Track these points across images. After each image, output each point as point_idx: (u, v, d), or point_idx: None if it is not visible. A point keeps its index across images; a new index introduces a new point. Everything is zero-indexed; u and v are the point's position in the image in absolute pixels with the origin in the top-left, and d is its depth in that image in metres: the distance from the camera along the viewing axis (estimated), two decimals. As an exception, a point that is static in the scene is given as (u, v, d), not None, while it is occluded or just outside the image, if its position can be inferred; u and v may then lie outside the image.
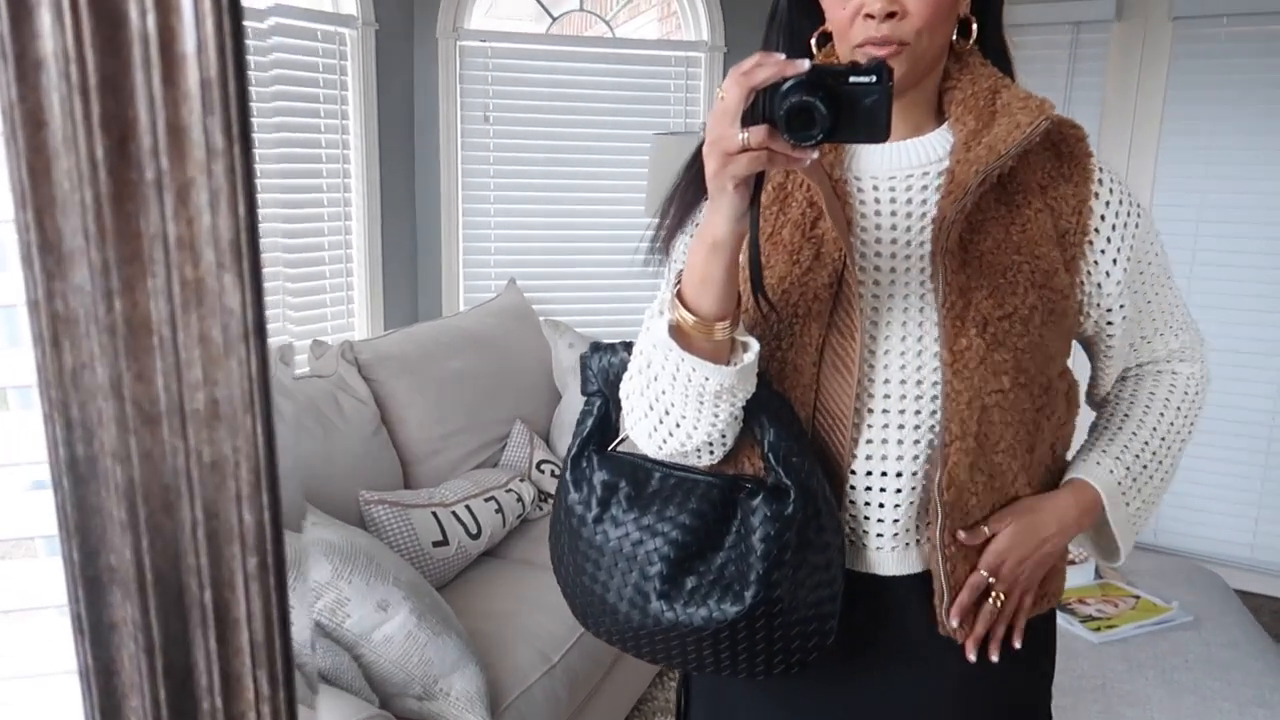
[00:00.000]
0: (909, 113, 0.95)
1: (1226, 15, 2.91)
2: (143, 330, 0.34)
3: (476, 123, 3.15)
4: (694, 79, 3.31)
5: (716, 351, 0.85)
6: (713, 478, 0.94)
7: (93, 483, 0.36)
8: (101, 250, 0.33)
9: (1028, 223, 0.92)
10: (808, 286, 0.92)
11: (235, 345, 0.35)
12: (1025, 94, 0.93)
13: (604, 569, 0.95)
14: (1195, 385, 1.07)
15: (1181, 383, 1.07)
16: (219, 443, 0.36)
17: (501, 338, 2.75)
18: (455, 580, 2.15)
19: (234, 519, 0.36)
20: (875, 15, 0.86)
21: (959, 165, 0.91)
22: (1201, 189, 3.03)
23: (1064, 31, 3.10)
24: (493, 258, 3.25)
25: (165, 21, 0.32)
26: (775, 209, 0.95)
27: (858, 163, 0.96)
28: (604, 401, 1.01)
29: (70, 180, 0.33)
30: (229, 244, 0.34)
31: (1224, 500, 3.13)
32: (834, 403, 0.92)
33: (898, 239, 0.93)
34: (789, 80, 0.73)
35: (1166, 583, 2.24)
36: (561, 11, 3.39)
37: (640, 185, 3.10)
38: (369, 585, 1.50)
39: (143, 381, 0.34)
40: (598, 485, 0.96)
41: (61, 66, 0.32)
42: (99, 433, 0.35)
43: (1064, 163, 0.96)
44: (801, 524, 0.88)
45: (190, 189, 0.33)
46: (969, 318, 0.89)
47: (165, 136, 0.33)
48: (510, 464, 2.54)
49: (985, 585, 0.93)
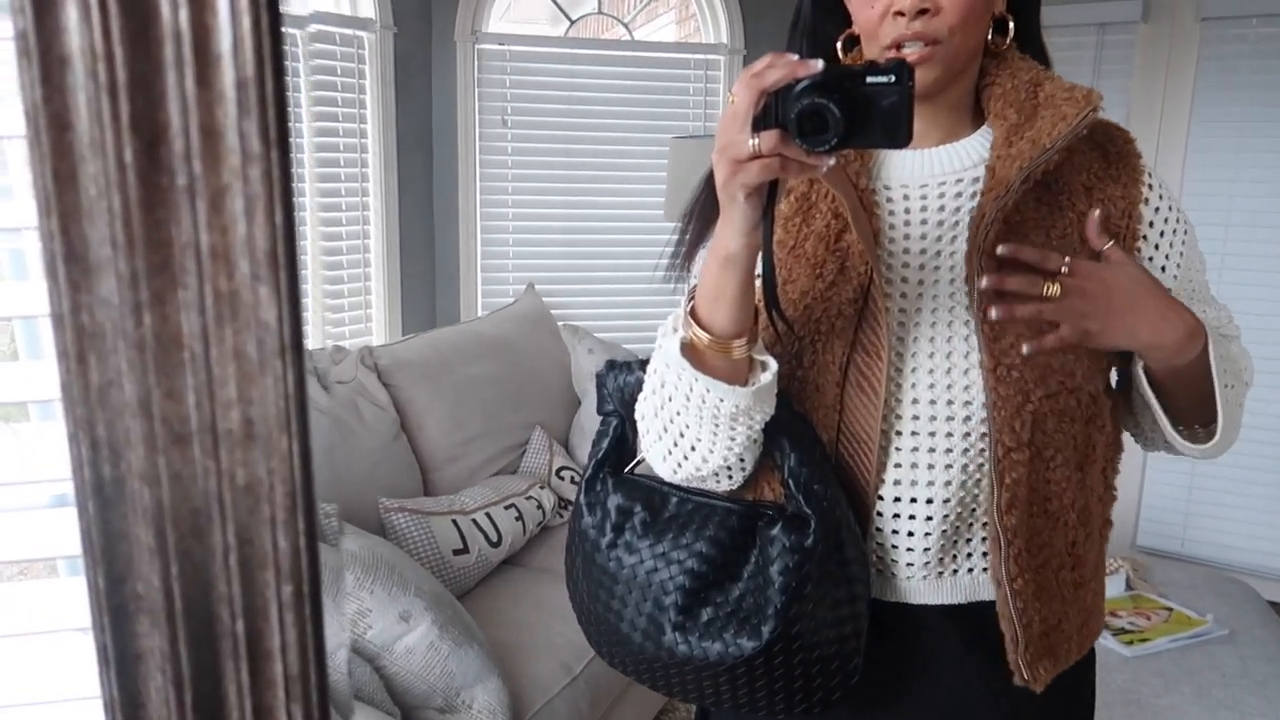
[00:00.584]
0: (943, 117, 0.91)
1: (1256, 16, 2.87)
2: (173, 345, 0.32)
3: (494, 126, 3.14)
4: (713, 82, 3.29)
5: (733, 371, 0.80)
6: (732, 504, 0.90)
7: (120, 506, 0.34)
8: (130, 260, 0.32)
9: (1069, 226, 0.87)
10: (831, 302, 0.87)
11: (271, 361, 0.33)
12: (1070, 85, 0.88)
13: (618, 597, 0.91)
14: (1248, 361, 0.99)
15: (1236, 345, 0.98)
16: (253, 464, 0.34)
17: (520, 343, 2.74)
18: (476, 589, 2.14)
19: (268, 544, 0.35)
20: (906, 12, 0.82)
21: (1000, 161, 0.86)
22: (1230, 191, 2.98)
23: (1090, 33, 3.07)
24: (511, 262, 3.24)
25: (199, 18, 0.30)
26: (798, 220, 0.90)
27: (886, 171, 0.92)
28: (620, 422, 0.98)
29: (97, 186, 0.31)
30: (265, 254, 0.32)
31: (1256, 509, 3.08)
32: (859, 425, 0.87)
33: (927, 249, 0.88)
34: (802, 82, 0.68)
35: (1199, 594, 2.20)
36: (579, 14, 3.38)
37: (659, 189, 3.08)
38: (391, 596, 1.48)
39: (173, 399, 0.33)
40: (612, 510, 0.93)
41: (89, 64, 0.30)
42: (126, 453, 0.34)
43: (1112, 163, 0.91)
44: (823, 556, 0.84)
45: (224, 196, 0.31)
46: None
47: (198, 140, 0.31)
48: (530, 470, 2.52)
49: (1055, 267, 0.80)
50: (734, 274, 0.76)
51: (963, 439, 0.86)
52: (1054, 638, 0.90)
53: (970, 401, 0.86)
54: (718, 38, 3.28)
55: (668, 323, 0.84)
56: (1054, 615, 0.90)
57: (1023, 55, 0.92)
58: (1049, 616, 0.89)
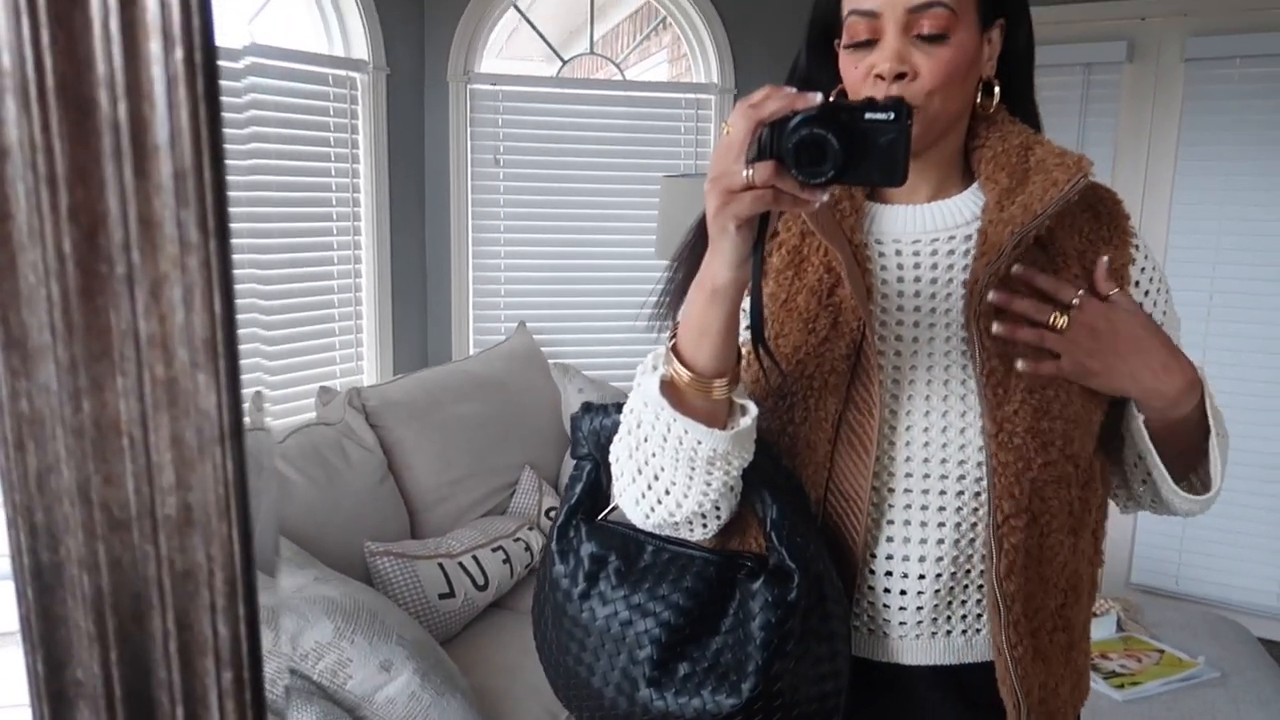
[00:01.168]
0: (931, 173, 0.91)
1: (1239, 57, 2.91)
2: (112, 431, 0.32)
3: (487, 165, 3.16)
4: (704, 121, 3.32)
5: (712, 413, 0.78)
6: (710, 554, 0.88)
7: (59, 591, 0.34)
8: (69, 347, 0.32)
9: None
10: (824, 357, 0.86)
11: (210, 448, 0.33)
12: (1060, 150, 0.89)
13: (589, 649, 0.88)
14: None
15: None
16: (192, 550, 0.34)
17: (511, 382, 2.74)
18: (462, 633, 2.11)
19: (208, 631, 0.34)
20: (885, 76, 0.83)
21: (991, 225, 0.86)
22: (1218, 230, 3.00)
23: (1076, 73, 3.10)
24: (503, 299, 3.24)
25: (137, 110, 0.30)
26: (790, 274, 0.89)
27: (879, 226, 0.92)
28: (594, 466, 0.95)
29: (36, 274, 0.31)
30: (203, 342, 0.32)
31: (1247, 546, 3.07)
32: (848, 484, 0.86)
33: (921, 307, 0.88)
34: (799, 114, 0.68)
35: (1191, 635, 2.18)
36: (572, 55, 3.42)
37: (650, 227, 3.09)
38: (372, 645, 1.47)
39: (112, 485, 0.33)
40: (585, 558, 0.90)
41: (28, 156, 0.30)
42: (65, 539, 0.34)
43: (1102, 224, 0.91)
44: (805, 611, 0.82)
45: (163, 284, 0.31)
46: (1011, 385, 0.84)
47: (137, 229, 0.31)
48: (519, 511, 2.51)
49: (1067, 299, 0.81)
50: (720, 308, 0.75)
51: (956, 498, 0.85)
52: (1052, 703, 0.89)
53: (965, 461, 0.85)
54: (709, 77, 3.31)
55: (647, 361, 0.83)
56: (1051, 679, 0.89)
57: (1013, 118, 0.93)
58: (1047, 681, 0.88)
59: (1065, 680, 0.91)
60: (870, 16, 0.84)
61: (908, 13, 0.83)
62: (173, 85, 0.30)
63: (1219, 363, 2.99)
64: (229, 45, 2.41)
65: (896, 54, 0.83)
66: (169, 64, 0.30)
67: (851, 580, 0.88)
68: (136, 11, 0.29)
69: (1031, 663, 0.86)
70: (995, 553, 0.84)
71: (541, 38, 3.41)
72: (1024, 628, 0.86)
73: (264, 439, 1.86)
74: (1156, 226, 3.06)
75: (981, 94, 0.90)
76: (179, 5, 0.29)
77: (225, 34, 2.27)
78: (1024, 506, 0.84)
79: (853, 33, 0.86)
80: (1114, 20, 3.06)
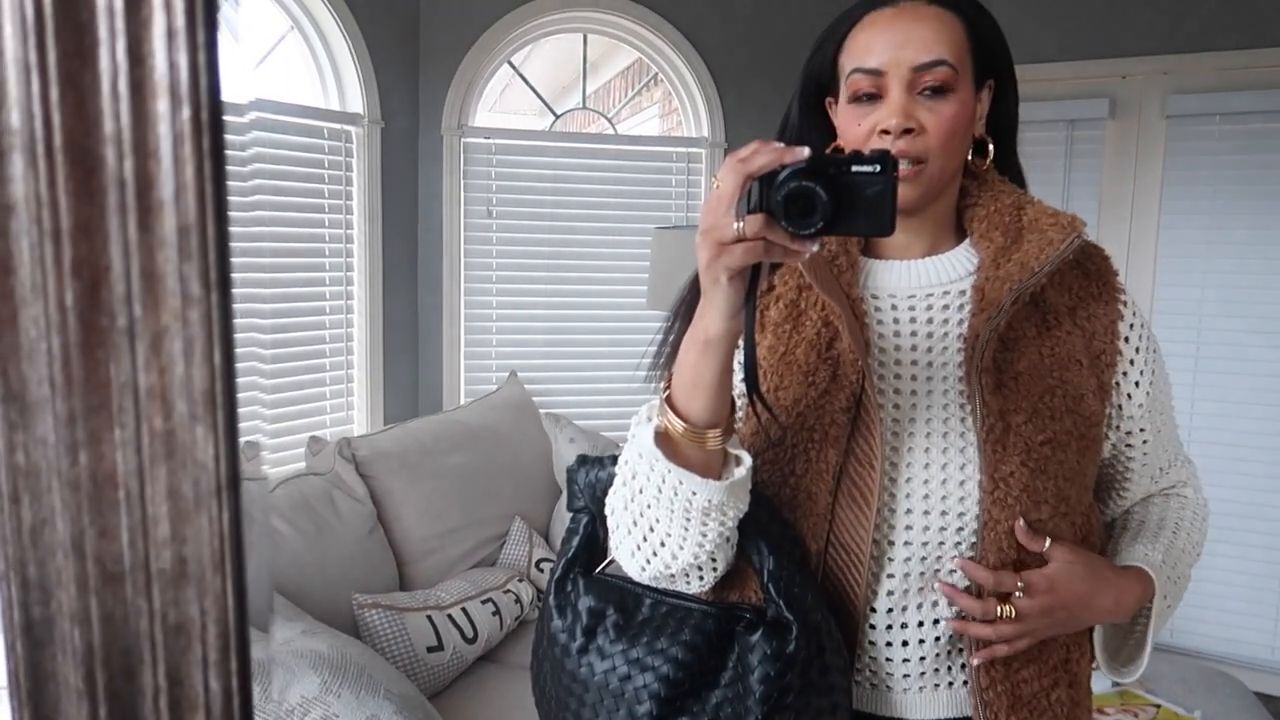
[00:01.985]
0: (927, 230, 0.93)
1: (1219, 114, 2.97)
2: (108, 484, 0.32)
3: (480, 217, 3.18)
4: (695, 174, 3.36)
5: (707, 464, 0.79)
6: (708, 606, 0.88)
7: (49, 647, 0.34)
8: (68, 400, 0.32)
9: (1058, 344, 0.89)
10: (824, 410, 0.87)
11: (206, 501, 0.33)
12: (1053, 210, 0.91)
13: (588, 705, 0.87)
14: (1204, 511, 1.04)
15: (1191, 506, 1.03)
16: (185, 604, 0.33)
17: (502, 431, 2.73)
18: (450, 687, 2.08)
19: (199, 686, 0.34)
20: (892, 131, 0.85)
21: (988, 282, 0.88)
22: (1202, 282, 3.04)
23: (1060, 129, 3.16)
24: (494, 350, 3.25)
25: (143, 166, 0.30)
26: (788, 327, 0.90)
27: (875, 280, 0.93)
28: (590, 519, 0.95)
29: (37, 327, 0.31)
30: (202, 394, 0.32)
31: (1242, 599, 3.05)
32: (849, 537, 0.86)
33: (919, 360, 0.89)
34: (788, 167, 0.69)
35: (1187, 689, 2.16)
36: (565, 109, 3.47)
37: (642, 279, 3.11)
38: (359, 699, 1.44)
39: (106, 538, 0.32)
40: (583, 612, 0.89)
41: (33, 211, 0.31)
42: (58, 593, 0.33)
43: (1092, 281, 0.93)
44: (805, 664, 0.82)
45: (164, 337, 0.32)
46: (1010, 443, 0.85)
47: (139, 283, 0.31)
48: (508, 562, 2.49)
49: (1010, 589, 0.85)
50: (713, 360, 0.75)
51: (954, 548, 0.86)
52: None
53: (965, 513, 0.86)
54: (699, 131, 3.36)
55: (642, 412, 0.83)
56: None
57: (1002, 178, 0.95)
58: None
59: None
60: (875, 74, 0.86)
61: (912, 71, 0.85)
62: (179, 142, 0.30)
63: (1205, 414, 3.00)
64: (234, 100, 2.43)
65: (903, 110, 0.85)
66: (176, 122, 0.30)
67: (853, 634, 0.87)
68: (145, 72, 0.30)
69: (1008, 711, 0.86)
70: None
71: (535, 92, 3.46)
72: (999, 674, 0.86)
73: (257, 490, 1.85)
74: (1142, 279, 3.09)
75: (974, 153, 0.92)
76: (187, 66, 0.30)
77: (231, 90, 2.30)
78: (1009, 560, 0.85)
79: (856, 89, 0.87)
80: (1096, 78, 3.13)
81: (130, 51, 0.30)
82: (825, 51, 0.92)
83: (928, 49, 0.85)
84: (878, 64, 0.86)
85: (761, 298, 0.92)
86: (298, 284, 2.74)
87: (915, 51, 0.85)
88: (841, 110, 0.90)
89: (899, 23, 0.86)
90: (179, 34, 0.30)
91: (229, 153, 0.32)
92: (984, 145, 0.92)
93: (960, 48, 0.86)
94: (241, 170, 2.41)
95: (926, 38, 0.85)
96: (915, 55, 0.85)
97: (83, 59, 0.30)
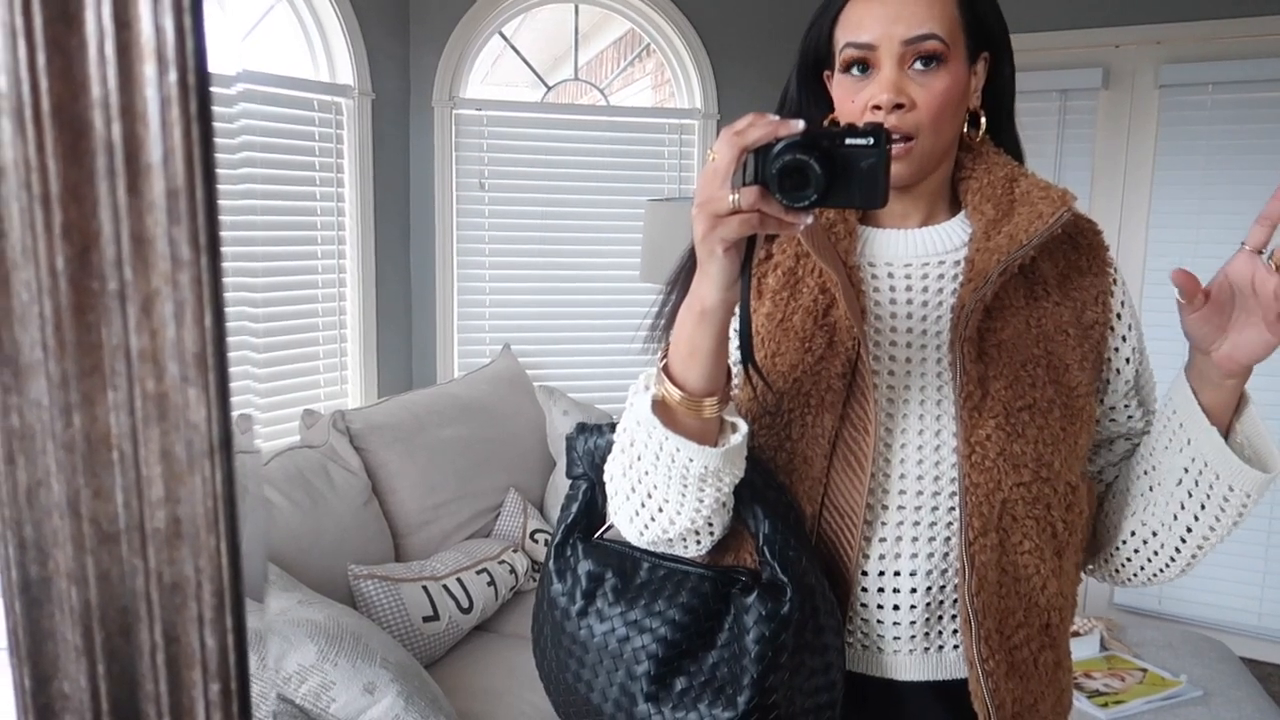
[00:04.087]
0: (922, 202, 0.94)
1: (1211, 84, 2.96)
2: (102, 445, 0.33)
3: (472, 189, 3.17)
4: (687, 145, 3.35)
5: (703, 431, 0.80)
6: (704, 570, 0.89)
7: (46, 605, 0.34)
8: (60, 363, 0.32)
9: (1045, 315, 0.90)
10: (820, 376, 0.88)
11: (199, 461, 0.33)
12: (1045, 183, 0.92)
13: (588, 666, 0.89)
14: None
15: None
16: (180, 563, 0.34)
17: (495, 405, 2.74)
18: (446, 656, 2.10)
19: (195, 643, 0.35)
20: (883, 106, 0.86)
21: (979, 254, 0.89)
22: (1194, 253, 3.05)
23: (1053, 99, 3.15)
24: (487, 323, 3.25)
25: (131, 130, 0.31)
26: (786, 294, 0.91)
27: (871, 249, 0.94)
28: (589, 486, 0.97)
29: (29, 291, 0.32)
30: (194, 357, 0.32)
31: (1229, 566, 3.09)
32: (844, 500, 0.88)
33: (913, 328, 0.91)
34: (782, 140, 0.70)
35: (1173, 654, 2.19)
36: (557, 80, 3.45)
37: (635, 250, 3.11)
38: (355, 667, 1.46)
39: (101, 499, 0.33)
40: (582, 576, 0.91)
41: (22, 176, 0.31)
42: (54, 553, 0.34)
43: (1082, 255, 0.94)
44: (799, 624, 0.83)
45: (154, 300, 0.32)
46: (986, 408, 0.86)
47: (129, 247, 0.31)
48: (503, 534, 2.50)
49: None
50: (709, 329, 0.76)
51: (947, 513, 0.87)
52: (1029, 718, 0.90)
53: (955, 479, 0.87)
54: (692, 103, 3.34)
55: (639, 381, 0.84)
56: (1030, 695, 0.90)
57: (997, 150, 0.96)
58: (1024, 696, 0.89)
59: (1046, 697, 0.92)
60: (866, 48, 0.87)
61: (903, 44, 0.86)
62: (166, 106, 0.31)
63: (1197, 383, 3.01)
64: (222, 72, 2.42)
65: (893, 85, 0.86)
66: (163, 86, 0.30)
67: (846, 595, 0.89)
68: (131, 36, 0.30)
69: (1005, 677, 0.87)
70: (967, 568, 0.86)
71: (526, 64, 3.44)
72: (997, 643, 0.87)
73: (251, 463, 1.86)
74: (1134, 248, 3.10)
75: (968, 125, 0.93)
76: (173, 29, 0.30)
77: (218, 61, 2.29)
78: (993, 525, 0.86)
79: (847, 63, 0.88)
80: (1089, 48, 3.12)
81: (116, 15, 0.30)
82: (821, 25, 0.93)
83: (919, 23, 0.86)
84: (869, 38, 0.87)
85: (759, 265, 0.93)
86: (289, 257, 2.73)
87: (906, 25, 0.86)
88: (836, 83, 0.91)
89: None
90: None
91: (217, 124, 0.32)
92: (978, 118, 0.93)
93: (952, 21, 0.87)
94: (230, 143, 2.40)
95: (918, 12, 0.86)
96: (906, 29, 0.86)
97: (68, 23, 0.30)
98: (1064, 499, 0.90)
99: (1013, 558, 0.87)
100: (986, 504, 0.86)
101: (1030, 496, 0.87)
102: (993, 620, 0.87)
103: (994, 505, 0.86)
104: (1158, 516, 0.93)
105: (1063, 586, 0.92)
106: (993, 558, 0.86)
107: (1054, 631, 0.92)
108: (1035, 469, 0.87)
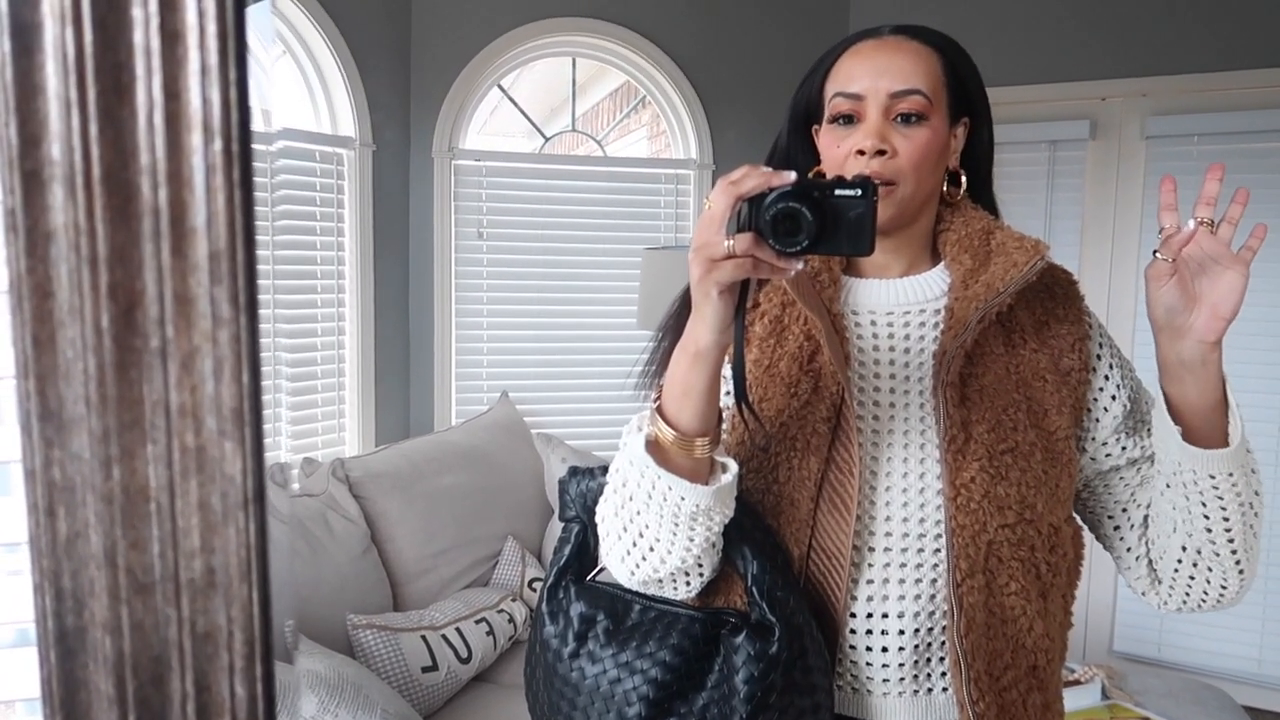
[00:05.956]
0: (904, 252, 0.98)
1: (1197, 135, 3.02)
2: (140, 498, 0.33)
3: (470, 238, 3.20)
4: (683, 195, 3.39)
5: (695, 470, 0.82)
6: (695, 611, 0.91)
7: (81, 655, 0.35)
8: (102, 417, 0.33)
9: (1023, 362, 0.93)
10: (806, 419, 0.91)
11: (234, 513, 0.34)
12: (1019, 234, 0.96)
13: (580, 708, 0.91)
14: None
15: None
16: (213, 612, 0.35)
17: (494, 452, 2.73)
18: (445, 708, 2.08)
19: (225, 692, 0.35)
20: (866, 151, 0.90)
21: (958, 302, 0.93)
22: (1184, 300, 3.07)
23: (1042, 149, 3.21)
24: (486, 370, 3.26)
25: (177, 195, 0.32)
26: (773, 341, 0.94)
27: (854, 298, 0.98)
28: (582, 528, 0.99)
29: (74, 348, 0.33)
30: (231, 411, 0.34)
31: (1228, 613, 3.07)
32: (830, 541, 0.89)
33: (896, 374, 0.93)
34: (775, 190, 0.73)
35: (1175, 702, 2.18)
36: (554, 131, 3.50)
37: (631, 298, 3.13)
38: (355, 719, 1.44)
39: (137, 549, 0.34)
40: (575, 618, 0.93)
41: (72, 238, 0.32)
42: (90, 603, 0.34)
43: (1058, 303, 0.97)
44: (787, 664, 0.85)
45: (195, 357, 0.33)
46: (970, 451, 0.88)
47: (172, 306, 0.33)
48: (501, 582, 2.49)
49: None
50: (702, 370, 0.79)
51: (933, 555, 0.89)
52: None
53: (940, 521, 0.89)
54: (687, 153, 3.39)
55: (633, 422, 0.87)
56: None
57: (975, 206, 1.00)
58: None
59: None
60: (854, 98, 0.92)
61: (889, 96, 0.91)
62: (211, 173, 0.32)
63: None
64: (263, 130, 2.45)
65: (878, 132, 0.90)
66: (208, 154, 0.32)
67: (835, 637, 0.90)
68: (180, 106, 0.31)
69: (995, 719, 0.88)
70: (956, 610, 0.87)
71: (524, 115, 3.49)
72: (987, 685, 0.88)
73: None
74: (1124, 295, 3.13)
75: (948, 183, 0.98)
76: (219, 101, 0.32)
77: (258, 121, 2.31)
78: (980, 566, 0.87)
79: (836, 112, 0.93)
80: (1077, 100, 3.18)
81: (166, 87, 0.31)
82: (814, 80, 0.98)
83: (905, 78, 0.91)
84: (858, 89, 0.92)
85: (747, 314, 0.96)
86: (288, 305, 2.74)
87: (893, 79, 0.91)
88: (823, 133, 0.96)
89: (881, 53, 0.92)
90: (212, 71, 0.31)
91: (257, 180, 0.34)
92: (958, 177, 0.98)
93: (936, 80, 0.92)
94: (267, 197, 2.43)
95: (904, 68, 0.91)
96: (892, 83, 0.91)
97: (120, 95, 0.31)
98: (1047, 540, 0.91)
99: (999, 599, 0.89)
100: (973, 545, 0.87)
101: (1015, 538, 0.89)
102: (982, 662, 0.88)
103: (980, 547, 0.87)
104: (1183, 529, 0.92)
105: (1049, 628, 0.93)
106: (980, 599, 0.87)
107: (1041, 674, 0.93)
108: (1019, 511, 0.89)
